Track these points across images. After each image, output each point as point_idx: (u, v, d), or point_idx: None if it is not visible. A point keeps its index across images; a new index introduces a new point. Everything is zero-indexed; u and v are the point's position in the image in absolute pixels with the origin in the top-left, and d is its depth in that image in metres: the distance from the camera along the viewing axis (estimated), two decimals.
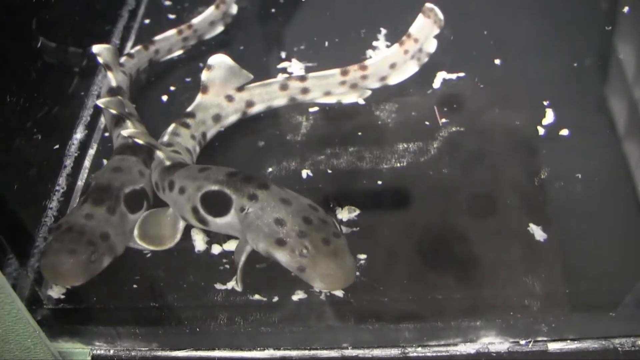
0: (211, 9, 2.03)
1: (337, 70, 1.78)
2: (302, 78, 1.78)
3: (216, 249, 1.55)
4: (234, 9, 2.07)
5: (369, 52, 1.97)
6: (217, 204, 1.47)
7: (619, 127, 1.70)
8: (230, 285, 1.48)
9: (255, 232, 1.40)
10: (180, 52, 2.03)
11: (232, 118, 1.78)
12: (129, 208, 1.56)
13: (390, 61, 1.78)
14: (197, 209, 1.49)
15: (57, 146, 1.79)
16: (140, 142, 1.55)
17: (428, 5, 1.76)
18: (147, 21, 2.19)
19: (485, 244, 1.50)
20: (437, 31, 1.78)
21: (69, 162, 1.78)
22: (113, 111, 1.67)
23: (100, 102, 1.69)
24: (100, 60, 1.81)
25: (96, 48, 1.82)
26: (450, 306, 1.42)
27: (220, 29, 2.07)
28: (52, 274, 1.45)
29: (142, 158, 1.65)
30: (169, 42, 1.98)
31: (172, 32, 1.98)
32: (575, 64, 1.86)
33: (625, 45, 1.88)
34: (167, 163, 1.56)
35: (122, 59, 1.89)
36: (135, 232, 1.56)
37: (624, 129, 1.69)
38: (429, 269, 1.47)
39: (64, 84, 1.87)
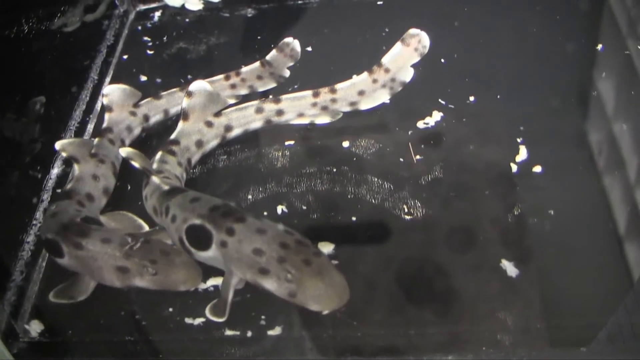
0: (257, 65, 1.97)
1: (309, 92, 1.80)
2: (277, 100, 1.81)
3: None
4: (286, 73, 1.98)
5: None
6: (199, 239, 1.47)
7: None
8: (198, 321, 1.48)
9: (239, 265, 1.41)
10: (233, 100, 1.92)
11: (213, 143, 1.80)
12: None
13: (359, 88, 1.80)
14: (182, 240, 1.50)
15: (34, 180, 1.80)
16: (136, 165, 1.57)
17: (412, 31, 1.75)
18: (125, 57, 2.20)
19: (457, 281, 1.51)
20: (416, 59, 1.76)
21: (46, 197, 1.78)
22: (64, 154, 1.71)
23: (57, 145, 1.71)
24: (105, 101, 1.83)
25: (107, 89, 1.86)
26: (422, 341, 1.43)
27: (271, 85, 1.97)
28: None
29: (77, 200, 1.63)
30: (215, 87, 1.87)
31: (219, 77, 1.92)
32: (548, 102, 1.88)
33: (598, 84, 1.91)
34: (166, 188, 1.57)
35: (145, 100, 1.87)
36: None
37: (596, 166, 1.72)
38: (402, 306, 1.49)
39: (42, 119, 1.87)
